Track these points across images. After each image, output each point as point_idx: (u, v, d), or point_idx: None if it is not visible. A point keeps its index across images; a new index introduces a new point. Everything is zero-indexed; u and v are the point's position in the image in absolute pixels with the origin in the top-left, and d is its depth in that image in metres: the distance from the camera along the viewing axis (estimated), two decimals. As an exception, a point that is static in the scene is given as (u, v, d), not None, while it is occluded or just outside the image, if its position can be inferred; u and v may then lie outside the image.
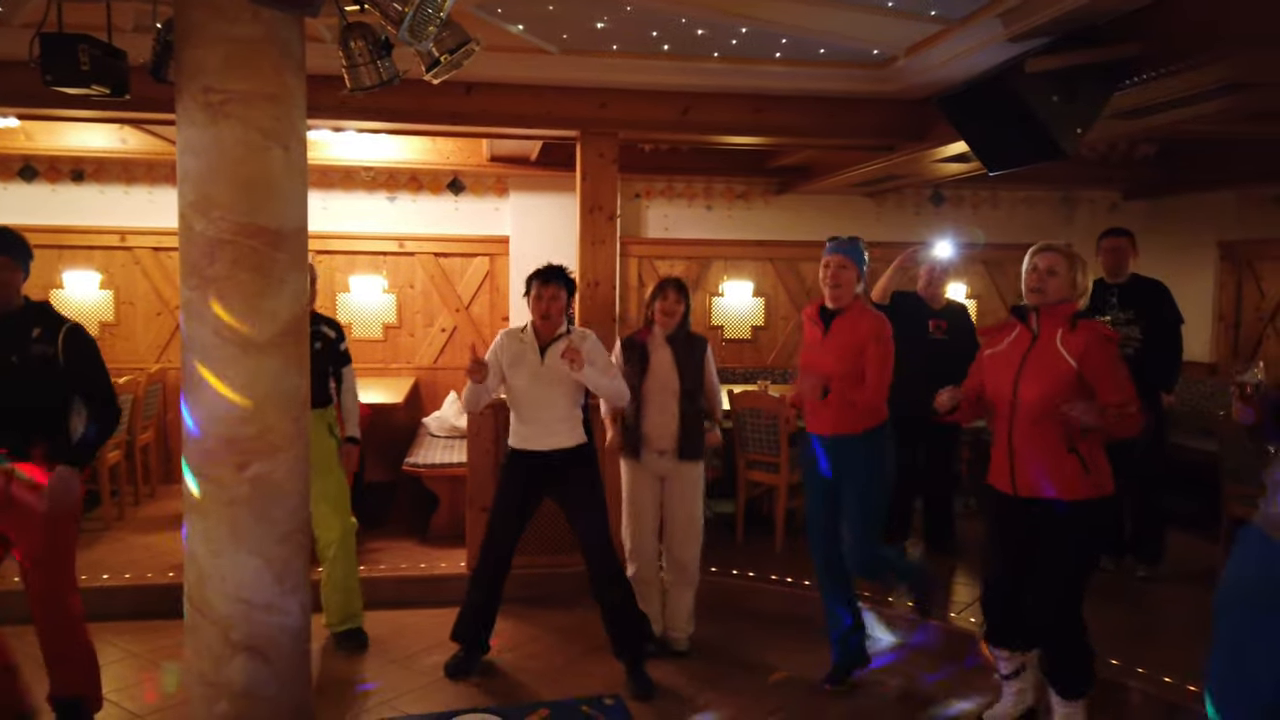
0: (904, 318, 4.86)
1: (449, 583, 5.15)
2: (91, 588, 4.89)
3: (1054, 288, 3.31)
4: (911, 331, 4.91)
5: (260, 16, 2.88)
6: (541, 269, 4.10)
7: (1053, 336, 3.30)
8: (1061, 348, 3.27)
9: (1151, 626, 4.52)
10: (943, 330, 5.37)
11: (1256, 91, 4.05)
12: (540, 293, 4.02)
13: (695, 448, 4.32)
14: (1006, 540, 3.47)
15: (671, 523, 4.39)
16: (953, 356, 5.36)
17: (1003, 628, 3.54)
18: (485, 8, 4.14)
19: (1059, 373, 3.24)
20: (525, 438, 4.08)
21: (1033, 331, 3.36)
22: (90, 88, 3.24)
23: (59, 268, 7.21)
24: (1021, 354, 3.36)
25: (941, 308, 5.53)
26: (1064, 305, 3.31)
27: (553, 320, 4.03)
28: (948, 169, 6.34)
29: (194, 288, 2.95)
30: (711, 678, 4.22)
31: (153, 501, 6.69)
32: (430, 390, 7.62)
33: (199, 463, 3.00)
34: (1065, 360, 3.24)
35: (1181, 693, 3.70)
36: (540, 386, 4.03)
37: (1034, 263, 3.37)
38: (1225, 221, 7.40)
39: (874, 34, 4.42)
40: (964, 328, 5.54)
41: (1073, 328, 3.27)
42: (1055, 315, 3.31)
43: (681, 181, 7.91)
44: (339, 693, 4.02)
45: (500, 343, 4.12)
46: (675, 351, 4.29)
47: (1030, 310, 3.39)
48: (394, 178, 7.57)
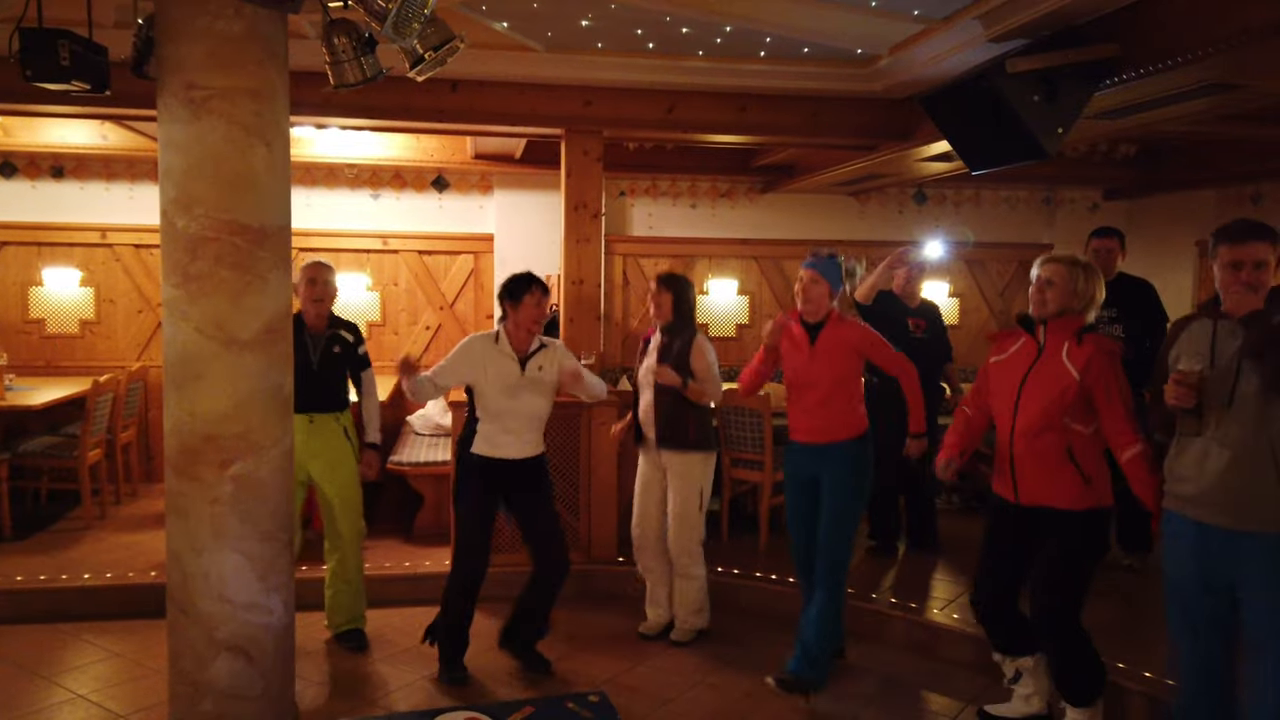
0: (883, 317, 4.88)
1: (434, 581, 5.11)
2: (72, 587, 4.86)
3: (1051, 298, 3.30)
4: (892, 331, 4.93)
5: (243, 12, 2.87)
6: (535, 279, 4.03)
7: (1059, 349, 3.28)
8: (1067, 361, 3.25)
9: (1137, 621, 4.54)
10: (921, 329, 5.40)
11: (1237, 92, 4.10)
12: (539, 301, 3.99)
13: (676, 437, 4.41)
14: (1002, 546, 3.50)
15: (670, 516, 4.51)
16: (932, 355, 5.42)
17: (995, 632, 3.58)
18: (470, 5, 4.13)
19: (1062, 386, 3.24)
20: (497, 446, 4.03)
21: (1039, 343, 3.35)
22: (71, 84, 3.22)
23: (39, 265, 7.14)
24: (1026, 365, 3.35)
25: (917, 306, 5.55)
26: (1071, 318, 3.29)
27: (534, 334, 4.07)
28: (931, 168, 6.37)
29: (176, 285, 2.94)
30: (696, 674, 4.23)
31: (134, 500, 6.64)
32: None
33: (181, 461, 2.99)
34: (1069, 373, 3.24)
35: (1160, 687, 3.73)
36: (519, 398, 4.02)
37: (1037, 273, 3.37)
38: (1204, 220, 7.46)
39: (857, 33, 4.45)
40: (939, 326, 5.61)
41: (1079, 341, 3.26)
42: (1063, 328, 3.30)
43: (666, 180, 7.92)
44: (323, 691, 4.01)
45: (474, 349, 4.04)
46: (662, 342, 4.45)
47: (1038, 322, 3.38)
48: (378, 175, 7.54)
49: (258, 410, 2.98)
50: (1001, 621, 3.55)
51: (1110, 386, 3.19)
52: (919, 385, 4.02)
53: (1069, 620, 3.34)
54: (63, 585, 4.88)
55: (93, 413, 5.87)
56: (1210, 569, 2.79)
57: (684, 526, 4.46)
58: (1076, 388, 3.22)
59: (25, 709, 3.79)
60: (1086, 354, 3.22)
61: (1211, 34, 3.28)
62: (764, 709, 3.92)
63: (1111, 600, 4.57)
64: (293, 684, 3.29)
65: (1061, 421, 3.24)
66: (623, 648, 4.51)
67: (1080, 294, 3.29)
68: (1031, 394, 3.30)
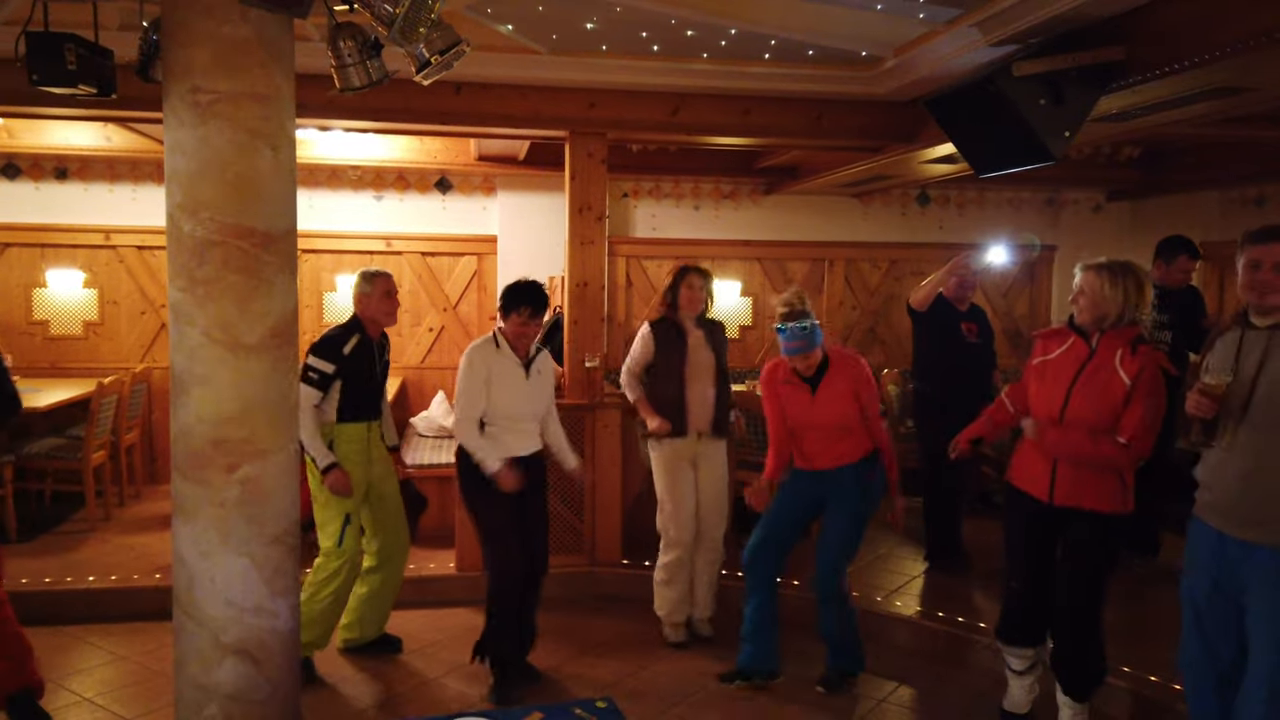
0: (936, 324, 4.84)
1: (439, 584, 5.14)
2: (77, 589, 4.86)
3: (1083, 305, 3.34)
4: (946, 336, 4.88)
5: (248, 16, 2.86)
6: (530, 294, 3.98)
7: (1111, 355, 3.30)
8: (1120, 368, 3.27)
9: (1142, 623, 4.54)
10: (974, 333, 5.32)
11: (1242, 95, 4.09)
12: (531, 319, 3.98)
13: (725, 425, 4.60)
14: (1032, 546, 3.52)
15: (705, 502, 4.55)
16: (985, 361, 5.36)
17: (1024, 628, 3.61)
18: (475, 8, 4.13)
19: (1113, 391, 3.27)
20: (505, 445, 3.99)
21: (1090, 347, 3.36)
22: (77, 87, 3.22)
23: (42, 266, 7.15)
24: (1076, 368, 3.36)
25: (967, 310, 5.43)
26: (1126, 328, 3.31)
27: (531, 340, 4.10)
28: (935, 170, 6.36)
29: (182, 289, 2.93)
30: (703, 678, 4.23)
31: (138, 503, 6.65)
32: (418, 390, 7.59)
33: (188, 465, 2.98)
34: (1122, 380, 3.25)
35: (1165, 691, 3.74)
36: (525, 400, 4.06)
37: (1075, 282, 3.41)
38: (1208, 222, 7.45)
39: (862, 35, 4.44)
40: (989, 331, 5.48)
41: (1134, 351, 3.28)
42: (1118, 336, 3.31)
43: (669, 181, 7.92)
44: (330, 695, 4.00)
45: (482, 362, 3.98)
46: (706, 334, 4.54)
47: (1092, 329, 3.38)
48: (381, 177, 7.54)
49: (264, 414, 2.98)
50: (1032, 618, 3.58)
51: (1146, 397, 3.22)
52: (894, 456, 4.02)
53: (1096, 618, 3.41)
54: (67, 587, 4.89)
55: (97, 414, 5.88)
56: (1225, 575, 2.79)
57: (724, 511, 4.64)
58: (1127, 394, 3.24)
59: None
60: (1139, 364, 3.24)
61: (1220, 37, 3.27)
62: (774, 712, 3.92)
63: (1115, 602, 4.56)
64: (299, 688, 3.29)
65: (1109, 425, 3.26)
66: (629, 651, 4.51)
67: (1110, 299, 3.29)
68: (1082, 396, 3.32)
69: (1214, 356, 2.85)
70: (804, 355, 3.87)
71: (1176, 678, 3.74)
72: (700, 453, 4.53)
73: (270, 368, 2.99)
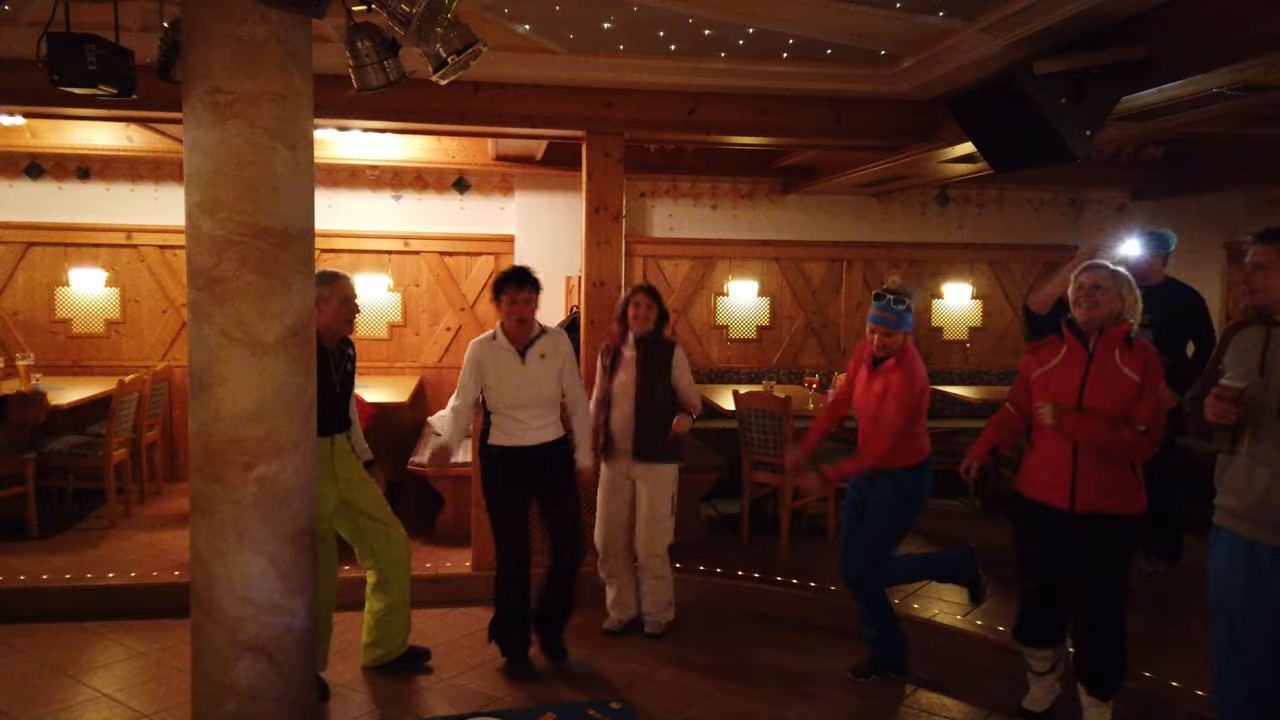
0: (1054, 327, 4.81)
1: (455, 582, 5.15)
2: (98, 586, 4.91)
3: (1101, 302, 3.34)
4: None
5: (267, 17, 2.87)
6: (510, 274, 4.14)
7: (1110, 354, 3.33)
8: (1122, 365, 3.30)
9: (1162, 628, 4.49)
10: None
11: (1268, 93, 4.03)
12: (515, 297, 4.07)
13: (654, 449, 4.46)
14: (1048, 552, 3.50)
15: (639, 522, 4.56)
16: None
17: (1042, 629, 3.61)
18: (492, 8, 4.14)
19: (1122, 388, 3.29)
20: (510, 434, 4.12)
21: (1088, 350, 3.37)
22: (98, 88, 3.24)
23: (65, 266, 7.22)
24: (1080, 372, 3.37)
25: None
26: (1122, 324, 3.35)
27: (528, 324, 4.11)
28: (955, 169, 6.32)
29: (201, 288, 2.95)
30: (717, 679, 4.21)
31: (158, 500, 6.70)
32: (435, 389, 7.62)
33: (205, 463, 3.00)
34: (1129, 377, 3.28)
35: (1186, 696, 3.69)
36: (522, 388, 4.09)
37: (1079, 280, 3.40)
38: (1233, 222, 7.36)
39: (881, 34, 4.41)
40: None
41: (1129, 346, 3.33)
42: (1112, 335, 3.34)
43: (686, 181, 7.90)
44: (345, 694, 4.02)
45: (475, 354, 4.17)
46: (640, 355, 4.46)
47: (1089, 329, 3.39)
48: (399, 176, 7.57)
49: (281, 413, 2.99)
50: (1053, 621, 3.58)
51: (1156, 385, 3.27)
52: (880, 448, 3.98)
53: (1121, 619, 3.41)
54: (88, 584, 4.93)
55: (118, 412, 5.93)
56: (1259, 584, 2.70)
57: (656, 531, 4.54)
58: (1138, 390, 3.26)
59: (51, 707, 3.83)
60: (1141, 359, 3.29)
61: (1245, 35, 3.23)
62: (789, 713, 3.90)
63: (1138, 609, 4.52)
64: (315, 686, 3.30)
65: (1124, 418, 3.27)
66: (642, 651, 4.50)
67: (1126, 297, 3.36)
68: (1096, 398, 3.31)
69: (1233, 355, 2.78)
70: (885, 330, 3.92)
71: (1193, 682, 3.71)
72: (639, 475, 4.51)
73: (288, 367, 3.00)
